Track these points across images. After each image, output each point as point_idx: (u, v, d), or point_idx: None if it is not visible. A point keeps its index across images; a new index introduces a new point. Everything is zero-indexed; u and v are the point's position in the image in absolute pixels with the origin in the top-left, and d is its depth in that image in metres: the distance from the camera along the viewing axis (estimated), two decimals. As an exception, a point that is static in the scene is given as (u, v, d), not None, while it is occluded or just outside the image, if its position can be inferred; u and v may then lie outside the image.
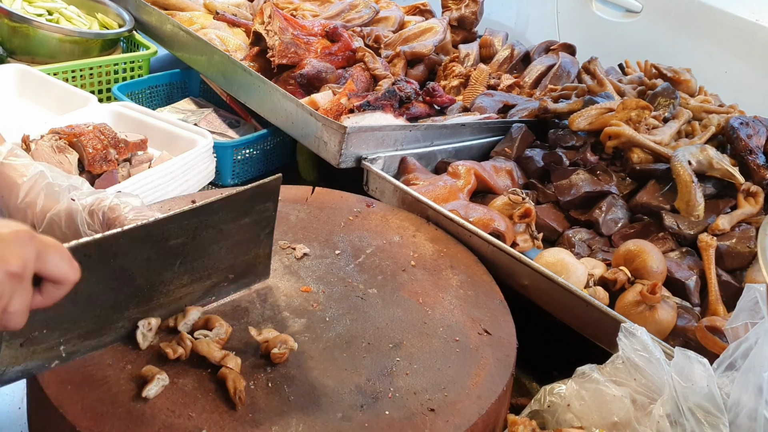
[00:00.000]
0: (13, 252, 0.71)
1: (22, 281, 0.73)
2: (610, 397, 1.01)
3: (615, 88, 1.80)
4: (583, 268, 1.25)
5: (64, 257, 0.77)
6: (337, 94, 1.69)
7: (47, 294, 0.78)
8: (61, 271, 0.77)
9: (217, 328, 0.98)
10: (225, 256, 1.03)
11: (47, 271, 0.76)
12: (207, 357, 0.94)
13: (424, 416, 0.95)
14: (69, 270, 0.78)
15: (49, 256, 0.75)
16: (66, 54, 2.01)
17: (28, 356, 0.87)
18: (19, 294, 0.73)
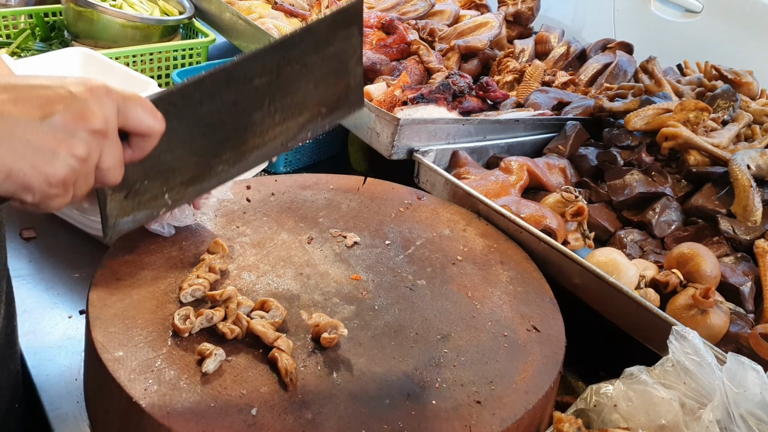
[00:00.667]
0: (91, 109, 0.70)
1: (107, 137, 0.72)
2: (659, 400, 1.00)
3: (673, 89, 1.78)
4: (634, 269, 1.23)
5: (146, 109, 0.76)
6: (391, 86, 1.70)
7: (136, 147, 0.78)
8: (145, 123, 0.76)
9: (273, 311, 1.01)
10: (314, 91, 1.00)
11: (131, 124, 0.75)
12: (261, 337, 0.96)
13: (470, 408, 0.95)
14: (153, 122, 0.77)
15: (131, 110, 0.75)
16: (128, 39, 2.06)
17: (135, 207, 0.89)
18: (108, 150, 0.73)
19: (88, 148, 0.71)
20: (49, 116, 0.68)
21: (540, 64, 2.05)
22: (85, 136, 0.70)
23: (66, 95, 0.70)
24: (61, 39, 2.13)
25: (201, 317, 0.98)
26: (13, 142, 0.66)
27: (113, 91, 0.73)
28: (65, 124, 0.69)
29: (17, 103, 0.67)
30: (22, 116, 0.67)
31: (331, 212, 1.33)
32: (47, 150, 0.68)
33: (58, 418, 1.08)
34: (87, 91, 0.71)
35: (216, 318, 0.98)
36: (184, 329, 0.97)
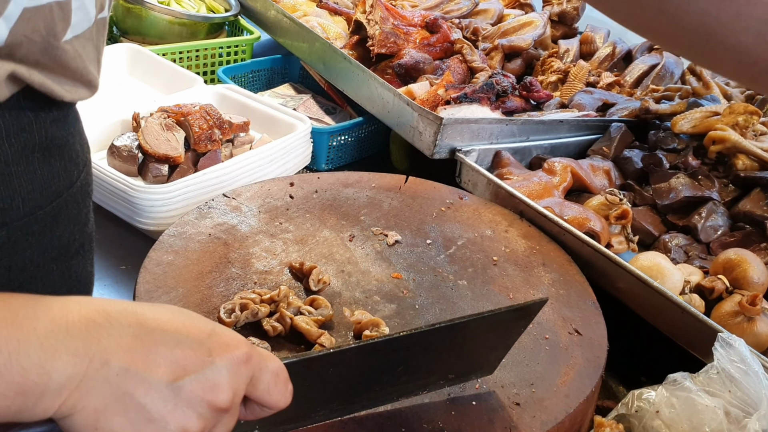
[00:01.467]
0: (224, 382, 0.60)
1: (228, 412, 0.61)
2: (703, 407, 0.98)
3: (721, 92, 1.74)
4: (679, 274, 1.22)
5: (279, 382, 0.66)
6: (434, 85, 1.70)
7: (251, 412, 0.66)
8: (272, 398, 0.65)
9: (322, 309, 1.02)
10: (453, 362, 0.92)
11: (257, 396, 0.65)
12: (305, 334, 0.97)
13: (510, 410, 0.95)
14: (281, 398, 0.66)
15: (263, 382, 0.64)
16: (174, 35, 2.09)
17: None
18: (224, 423, 0.62)
19: (204, 424, 0.59)
20: (177, 380, 0.57)
21: (585, 65, 2.02)
22: (207, 412, 0.59)
23: (203, 356, 0.59)
24: (110, 35, 2.18)
25: (247, 311, 0.99)
26: (130, 403, 0.55)
27: (253, 358, 0.63)
28: (191, 394, 0.58)
29: (147, 357, 0.56)
30: (148, 375, 0.56)
31: (372, 210, 1.34)
32: (161, 421, 0.56)
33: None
34: (227, 356, 0.60)
35: (261, 314, 0.99)
36: (229, 323, 0.99)
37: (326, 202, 1.34)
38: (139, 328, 0.57)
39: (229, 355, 0.60)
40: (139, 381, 0.55)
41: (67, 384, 0.53)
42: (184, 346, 0.58)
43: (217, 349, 0.60)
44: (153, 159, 1.44)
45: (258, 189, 1.34)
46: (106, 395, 0.54)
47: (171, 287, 1.09)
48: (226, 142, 1.54)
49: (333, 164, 1.78)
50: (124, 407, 0.55)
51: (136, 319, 0.58)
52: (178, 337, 0.59)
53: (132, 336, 0.56)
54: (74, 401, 0.54)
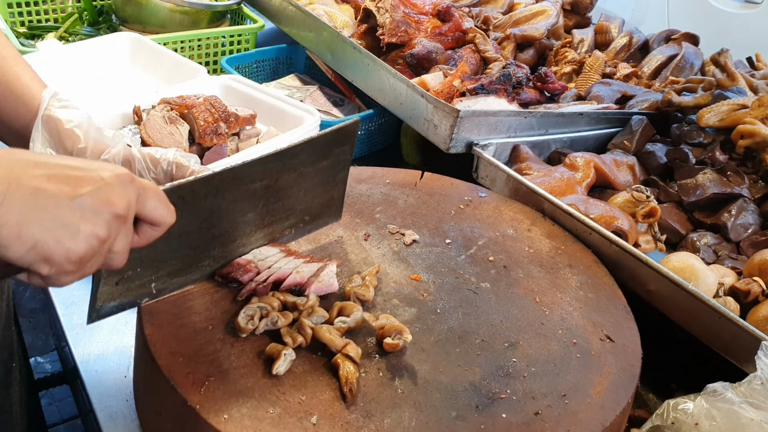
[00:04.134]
0: (118, 194, 0.74)
1: (125, 223, 0.76)
2: (747, 421, 0.92)
3: (747, 83, 1.68)
4: (713, 276, 1.15)
5: (161, 200, 0.80)
6: (448, 75, 1.63)
7: (144, 235, 0.81)
8: (159, 213, 0.80)
9: (354, 314, 0.95)
10: (303, 198, 1.07)
11: (146, 213, 0.79)
12: (328, 345, 0.91)
13: (543, 423, 0.89)
14: (166, 213, 0.81)
15: (149, 199, 0.78)
16: (176, 24, 2.02)
17: (123, 293, 0.92)
18: (122, 235, 0.76)
19: (108, 230, 0.74)
20: (79, 196, 0.71)
21: (601, 55, 1.96)
22: (108, 219, 0.73)
23: (96, 178, 0.73)
24: (109, 24, 2.10)
25: (266, 319, 0.93)
26: (44, 215, 0.69)
27: (136, 180, 0.77)
28: (93, 206, 0.72)
29: (51, 180, 0.70)
30: (55, 193, 0.70)
31: (388, 208, 1.27)
32: (73, 227, 0.71)
33: (107, 418, 1.04)
34: (115, 177, 0.74)
35: (281, 323, 0.93)
36: (246, 329, 0.92)
37: (339, 199, 1.27)
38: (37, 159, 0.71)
39: (116, 174, 0.74)
40: (48, 198, 0.69)
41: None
42: (79, 171, 0.72)
43: (105, 171, 0.74)
44: (156, 153, 1.37)
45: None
46: (24, 210, 0.68)
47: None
48: (232, 136, 1.47)
49: (342, 158, 1.71)
50: (40, 219, 0.69)
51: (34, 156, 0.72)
52: (72, 165, 0.73)
53: (34, 165, 0.70)
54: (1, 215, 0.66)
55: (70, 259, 0.72)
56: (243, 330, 0.93)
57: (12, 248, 0.69)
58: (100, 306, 0.91)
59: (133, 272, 0.90)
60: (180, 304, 0.99)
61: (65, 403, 2.53)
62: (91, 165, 0.75)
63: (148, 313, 0.97)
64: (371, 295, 1.02)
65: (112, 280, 0.89)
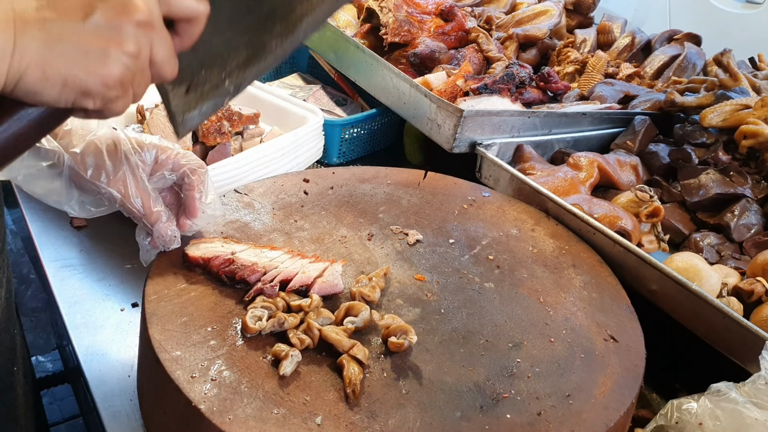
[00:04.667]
0: (133, 1, 0.67)
1: (153, 28, 0.69)
2: (751, 421, 0.92)
3: (750, 84, 1.67)
4: (717, 276, 1.16)
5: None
6: (451, 75, 1.63)
7: (185, 34, 0.74)
8: (187, 6, 0.72)
9: (362, 314, 0.95)
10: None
11: (174, 10, 0.72)
12: (335, 345, 0.91)
13: (547, 424, 0.89)
14: (195, 3, 0.73)
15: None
16: None
17: (199, 99, 0.85)
18: (157, 41, 0.70)
19: (137, 42, 0.67)
20: (90, 14, 0.65)
21: (603, 55, 1.96)
22: (132, 30, 0.67)
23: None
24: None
25: (273, 320, 0.93)
26: (62, 47, 0.63)
27: None
28: (109, 21, 0.65)
29: (54, 8, 0.64)
30: (65, 20, 0.64)
31: (391, 207, 1.27)
32: (97, 50, 0.65)
33: (111, 417, 1.04)
34: None
35: (288, 324, 0.93)
36: (253, 329, 0.92)
37: (342, 199, 1.27)
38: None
39: None
40: (60, 28, 0.63)
41: (5, 47, 0.61)
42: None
43: None
44: (159, 152, 1.37)
45: (271, 184, 1.28)
46: (40, 49, 0.62)
47: (182, 289, 1.02)
48: (236, 135, 1.47)
49: (345, 158, 1.72)
50: (59, 52, 0.63)
51: None
52: None
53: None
54: (17, 62, 0.62)
55: (108, 84, 0.67)
56: (250, 330, 0.93)
57: (44, 91, 0.65)
58: (182, 119, 0.85)
59: (199, 75, 0.83)
60: (184, 304, 0.99)
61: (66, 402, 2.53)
62: None
63: (152, 313, 0.97)
64: (377, 296, 1.02)
65: (180, 91, 0.83)
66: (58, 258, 1.34)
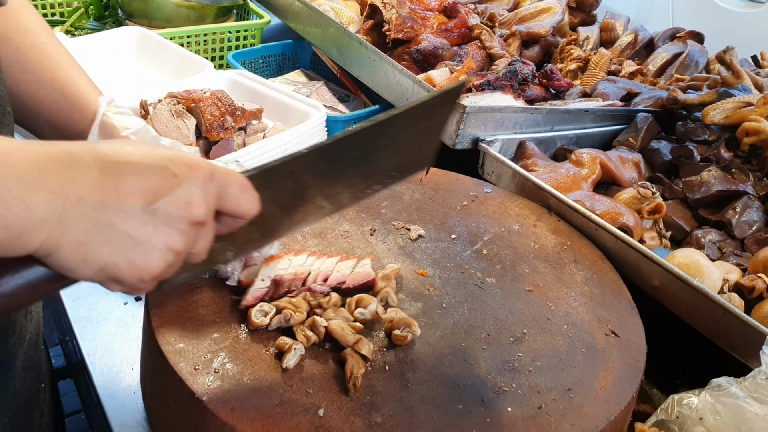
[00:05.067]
0: (195, 198, 0.65)
1: (204, 226, 0.68)
2: (752, 415, 0.93)
3: (752, 81, 1.68)
4: (718, 272, 1.16)
5: (245, 191, 0.72)
6: (454, 71, 1.63)
7: (224, 225, 0.73)
8: (242, 207, 0.72)
9: (370, 306, 0.96)
10: (394, 157, 0.96)
11: (228, 207, 0.70)
12: (339, 341, 0.92)
13: (548, 417, 0.89)
14: (249, 206, 0.72)
15: (230, 193, 0.70)
16: (182, 19, 2.02)
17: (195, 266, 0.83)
18: (202, 237, 0.69)
19: (186, 240, 0.66)
20: (150, 203, 0.62)
21: (606, 53, 1.96)
22: (186, 228, 0.65)
23: (170, 179, 0.64)
24: (115, 18, 2.11)
25: (279, 316, 0.93)
26: (111, 233, 0.61)
27: (216, 173, 0.68)
28: (168, 215, 0.63)
29: (119, 188, 0.61)
30: (122, 203, 0.61)
31: (393, 203, 1.28)
32: (146, 243, 0.63)
33: (115, 411, 1.05)
34: (192, 175, 0.65)
35: (294, 320, 0.93)
36: (258, 324, 0.93)
37: (345, 194, 1.27)
38: (103, 163, 0.61)
39: (194, 173, 0.65)
40: (115, 212, 0.60)
41: (47, 219, 0.57)
42: (150, 173, 0.62)
43: (181, 170, 0.64)
44: (162, 147, 1.38)
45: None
46: (87, 228, 0.59)
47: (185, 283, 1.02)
48: (239, 130, 1.48)
49: (348, 154, 1.72)
50: (107, 237, 0.60)
51: (99, 155, 0.61)
52: (143, 166, 0.62)
53: (99, 171, 0.60)
54: (57, 236, 0.58)
55: (144, 279, 0.65)
56: (254, 324, 0.93)
57: (77, 270, 0.61)
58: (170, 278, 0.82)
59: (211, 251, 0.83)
60: (188, 296, 0.99)
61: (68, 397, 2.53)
62: (163, 160, 0.64)
63: (156, 306, 0.97)
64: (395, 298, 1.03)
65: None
66: (61, 252, 1.34)
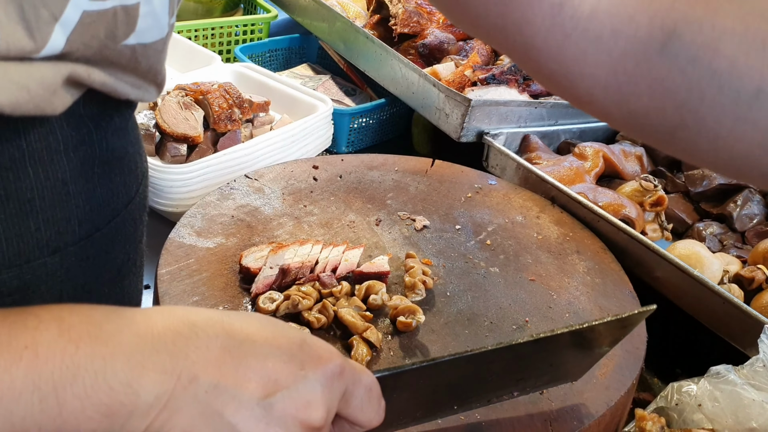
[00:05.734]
0: (318, 399, 0.54)
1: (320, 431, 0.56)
2: (749, 402, 0.94)
3: (755, 76, 1.69)
4: (718, 263, 1.18)
5: (373, 398, 0.60)
6: (459, 65, 1.65)
7: (340, 429, 0.60)
8: (366, 417, 0.59)
9: (382, 291, 0.98)
10: (545, 369, 0.84)
11: (349, 413, 0.58)
12: (350, 327, 0.93)
13: (549, 402, 0.91)
14: (375, 416, 0.60)
15: (356, 397, 0.58)
16: (190, 13, 2.04)
17: None
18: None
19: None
20: (268, 397, 0.52)
21: (610, 48, 1.97)
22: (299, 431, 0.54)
23: (295, 371, 0.54)
24: (124, 12, 2.13)
25: (287, 302, 0.95)
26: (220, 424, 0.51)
27: (346, 371, 0.57)
28: (283, 412, 0.53)
29: (237, 371, 0.51)
30: (239, 392, 0.51)
31: (399, 194, 1.30)
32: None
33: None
34: (320, 369, 0.55)
35: (302, 306, 0.95)
36: (266, 310, 0.95)
37: (351, 185, 1.30)
38: (227, 339, 0.52)
39: (322, 368, 0.55)
40: (229, 398, 0.51)
41: (156, 403, 0.49)
42: (275, 359, 0.53)
43: (309, 361, 0.54)
44: (171, 138, 1.40)
45: (281, 171, 1.30)
46: (194, 414, 0.50)
47: (194, 270, 1.05)
48: (246, 122, 1.50)
49: (353, 147, 1.74)
50: (213, 428, 0.51)
51: (224, 329, 0.53)
52: (269, 349, 0.53)
53: (220, 348, 0.52)
54: (162, 422, 0.50)
55: None
56: (261, 310, 0.95)
57: None
58: None
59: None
60: (196, 284, 1.02)
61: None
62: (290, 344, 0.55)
63: (165, 293, 0.99)
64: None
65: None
66: (72, 241, 1.36)
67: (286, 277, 1.01)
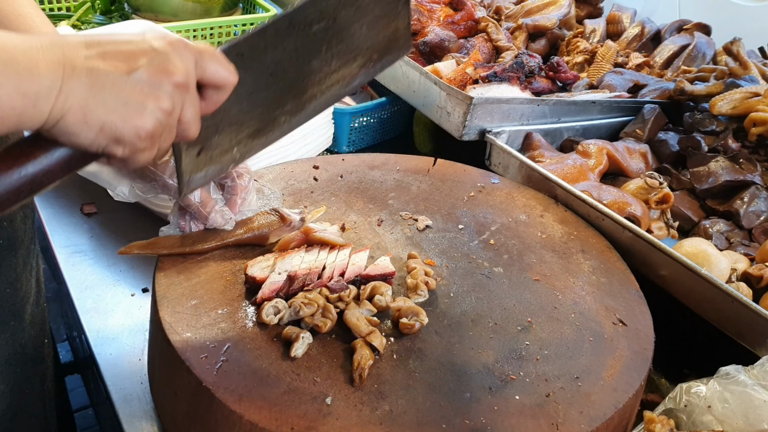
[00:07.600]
0: (174, 63, 0.72)
1: (188, 90, 0.74)
2: (760, 403, 0.92)
3: (759, 72, 1.67)
4: (726, 262, 1.15)
5: (220, 61, 0.77)
6: (460, 63, 1.63)
7: (210, 100, 0.79)
8: (220, 75, 0.77)
9: (387, 292, 0.97)
10: (366, 35, 1.00)
11: (207, 77, 0.77)
12: (353, 330, 0.92)
13: (556, 405, 0.89)
14: (227, 73, 0.78)
15: (207, 62, 0.76)
16: (188, 13, 2.02)
17: (207, 162, 0.90)
18: (189, 103, 0.75)
19: (172, 100, 0.73)
20: (135, 70, 0.70)
21: (613, 45, 1.95)
22: (170, 89, 0.72)
23: (148, 49, 0.71)
24: (122, 12, 2.11)
25: (289, 310, 0.93)
26: (104, 95, 0.68)
27: (190, 45, 0.75)
28: (151, 78, 0.70)
29: (104, 58, 0.69)
30: (110, 71, 0.69)
31: (401, 194, 1.28)
32: (136, 103, 0.70)
33: (122, 399, 1.05)
34: (168, 45, 0.72)
35: (303, 313, 0.93)
36: (267, 322, 0.93)
37: (352, 185, 1.28)
38: (87, 39, 0.70)
39: (168, 41, 0.72)
40: (105, 77, 0.68)
41: (53, 86, 0.66)
42: (129, 45, 0.70)
43: (156, 41, 0.72)
44: (169, 139, 1.38)
45: (280, 171, 1.28)
46: (84, 94, 0.67)
47: (192, 273, 1.03)
48: (245, 123, 1.48)
49: (354, 146, 1.72)
50: (102, 99, 0.68)
51: (82, 37, 0.70)
52: (122, 39, 0.71)
53: (84, 46, 0.69)
54: (61, 103, 0.66)
55: (140, 135, 0.72)
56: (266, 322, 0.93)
57: (81, 134, 0.69)
58: (188, 179, 0.89)
59: (212, 140, 0.88)
60: (194, 287, 1.00)
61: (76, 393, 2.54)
62: (141, 37, 0.73)
63: (163, 296, 0.98)
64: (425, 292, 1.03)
65: (193, 152, 0.87)
66: (68, 244, 1.35)
67: (293, 285, 0.99)
